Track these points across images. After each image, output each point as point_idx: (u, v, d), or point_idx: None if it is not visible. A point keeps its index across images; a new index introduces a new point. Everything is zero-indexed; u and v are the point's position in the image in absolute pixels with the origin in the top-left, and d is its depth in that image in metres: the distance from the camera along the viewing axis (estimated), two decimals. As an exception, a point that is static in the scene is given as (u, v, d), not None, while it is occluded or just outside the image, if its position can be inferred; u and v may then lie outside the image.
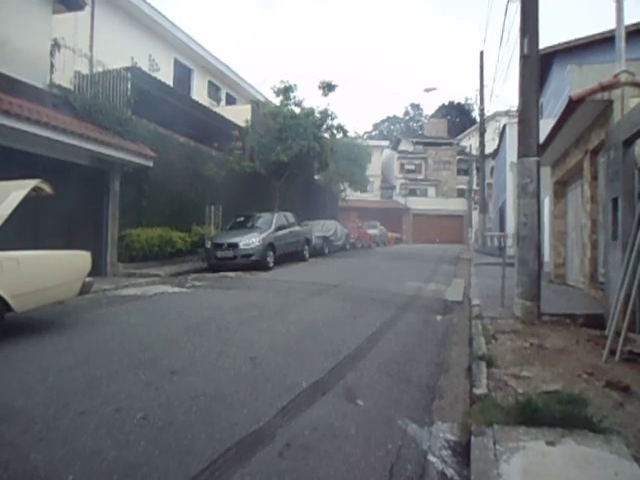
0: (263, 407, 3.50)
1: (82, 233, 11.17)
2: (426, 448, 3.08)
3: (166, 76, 17.16)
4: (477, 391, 3.88)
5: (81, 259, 5.96)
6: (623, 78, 6.51)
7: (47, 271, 5.36)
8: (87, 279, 5.97)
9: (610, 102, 6.65)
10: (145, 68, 15.53)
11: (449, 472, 2.84)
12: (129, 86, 12.58)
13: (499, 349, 5.18)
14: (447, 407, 3.80)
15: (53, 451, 2.78)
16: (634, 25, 14.95)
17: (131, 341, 5.26)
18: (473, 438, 3.02)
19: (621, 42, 6.70)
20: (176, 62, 19.14)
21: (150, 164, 12.53)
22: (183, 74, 19.72)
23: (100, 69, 12.42)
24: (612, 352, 4.83)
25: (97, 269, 11.50)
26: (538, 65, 6.71)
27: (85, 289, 5.96)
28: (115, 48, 14.65)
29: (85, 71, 12.86)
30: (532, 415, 3.19)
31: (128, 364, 4.37)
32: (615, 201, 6.12)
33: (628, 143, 5.78)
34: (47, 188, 5.76)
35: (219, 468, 2.67)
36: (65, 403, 3.44)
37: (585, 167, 8.26)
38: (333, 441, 3.06)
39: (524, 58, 6.80)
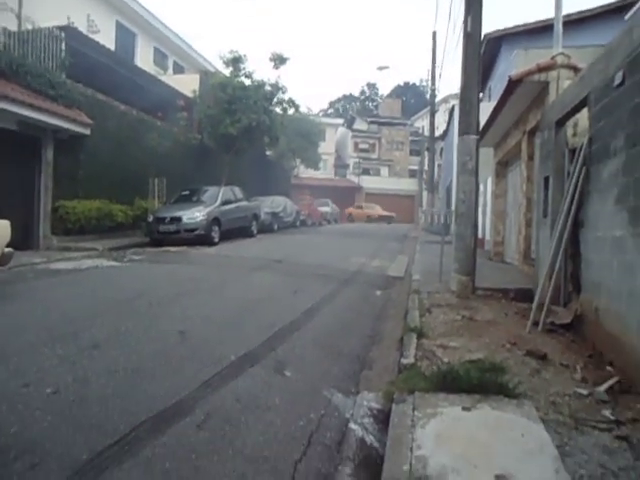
0: (186, 380, 3.40)
1: (11, 204, 10.40)
2: (349, 416, 3.09)
3: (107, 39, 16.15)
4: (404, 361, 3.94)
5: (-1, 228, 5.55)
6: (559, 60, 6.69)
7: (-42, 240, 4.94)
8: (6, 249, 5.57)
9: (546, 83, 6.83)
10: (83, 29, 14.56)
11: (369, 439, 2.87)
12: (63, 47, 11.75)
13: (432, 322, 5.30)
14: (375, 377, 3.84)
15: (-55, 429, 2.57)
16: (578, 13, 15.50)
17: (52, 315, 4.97)
18: (394, 405, 3.06)
19: (559, 25, 6.86)
20: (118, 25, 18.05)
21: (87, 132, 11.83)
22: (126, 38, 18.64)
23: (30, 27, 11.49)
24: (536, 324, 5.06)
25: (29, 242, 10.90)
26: (480, 44, 6.77)
27: (4, 260, 5.56)
28: (49, 5, 13.60)
29: (15, 28, 11.87)
30: (452, 382, 3.27)
31: (45, 338, 4.12)
32: (547, 180, 6.34)
33: (560, 123, 5.96)
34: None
35: (130, 442, 2.55)
36: (-34, 379, 3.20)
37: (522, 147, 8.52)
38: (255, 412, 3.02)
39: (467, 36, 6.83)
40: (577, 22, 15.04)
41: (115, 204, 12.73)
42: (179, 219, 12.34)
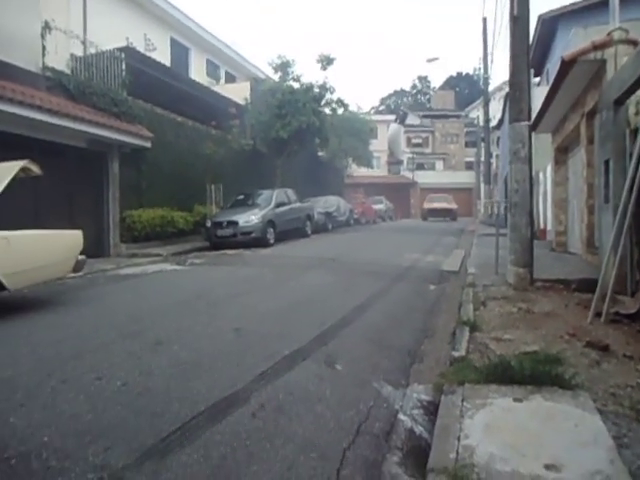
0: (242, 373, 3.57)
1: (84, 215, 11.30)
2: (398, 408, 3.13)
3: (163, 55, 16.98)
4: (455, 354, 3.92)
5: (72, 238, 6.06)
6: (616, 36, 6.31)
7: (38, 250, 5.45)
8: (80, 257, 6.07)
9: (603, 62, 6.47)
10: (141, 48, 15.41)
11: (418, 429, 2.90)
12: (123, 67, 12.53)
13: (486, 315, 5.20)
14: (426, 370, 3.84)
15: (32, 416, 2.89)
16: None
17: (121, 316, 5.37)
18: (443, 397, 3.06)
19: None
20: (173, 41, 18.91)
21: (148, 145, 12.55)
22: (180, 53, 19.51)
23: (93, 50, 12.38)
24: (599, 314, 4.82)
25: (100, 250, 11.71)
26: (527, 27, 6.53)
27: (78, 267, 6.06)
28: (110, 29, 14.48)
29: (80, 53, 12.83)
30: (503, 373, 3.23)
31: (115, 337, 4.48)
32: (607, 163, 6.02)
33: (619, 102, 5.64)
34: (35, 168, 5.82)
35: (190, 429, 2.74)
36: (49, 373, 3.55)
37: (582, 131, 8.10)
38: (306, 403, 3.13)
39: (514, 20, 6.62)
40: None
41: (176, 211, 13.40)
42: (235, 223, 12.80)
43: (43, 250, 5.53)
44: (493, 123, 28.30)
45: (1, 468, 2.36)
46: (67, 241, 6.01)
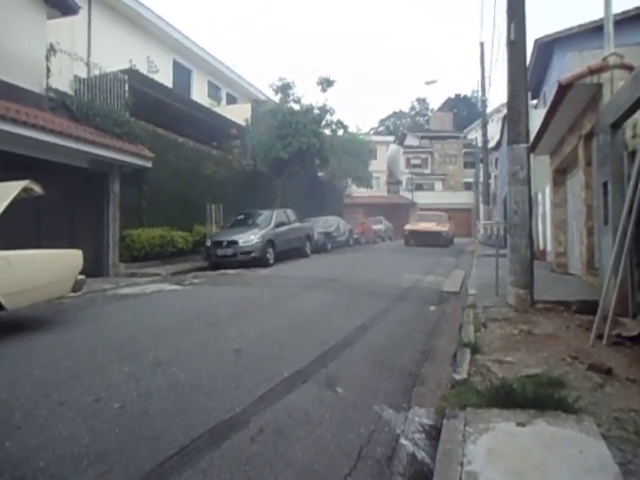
0: (241, 396, 3.53)
1: (84, 235, 11.32)
2: (399, 432, 3.09)
3: (165, 77, 17.26)
4: (457, 376, 3.88)
5: (72, 257, 6.05)
6: (612, 61, 6.43)
7: (38, 269, 5.45)
8: (79, 277, 6.06)
9: (599, 86, 6.57)
10: (144, 70, 15.66)
11: (420, 454, 2.85)
12: (126, 88, 12.70)
13: (487, 336, 5.17)
14: (428, 393, 3.80)
15: (28, 439, 2.84)
16: (636, 9, 14.74)
17: (120, 336, 5.34)
18: (445, 421, 3.03)
19: (609, 25, 6.62)
20: (175, 63, 19.23)
21: (149, 165, 12.64)
22: (183, 75, 19.82)
23: (97, 72, 12.57)
24: (600, 336, 4.80)
25: (100, 270, 11.68)
26: (525, 51, 6.65)
27: (77, 287, 6.04)
28: (114, 51, 14.78)
29: (84, 75, 13.04)
30: (506, 397, 3.19)
31: (114, 358, 4.44)
32: (605, 186, 6.07)
33: (616, 126, 5.72)
34: (37, 188, 5.85)
35: (188, 453, 2.70)
36: (46, 395, 3.51)
37: (579, 153, 8.18)
38: (306, 426, 3.08)
39: (511, 44, 6.75)
40: (635, 18, 14.32)
41: (176, 231, 13.41)
42: (235, 243, 12.81)
43: (43, 270, 5.52)
44: (491, 144, 28.59)
45: (-4, 494, 2.31)
46: (67, 261, 6.00)
